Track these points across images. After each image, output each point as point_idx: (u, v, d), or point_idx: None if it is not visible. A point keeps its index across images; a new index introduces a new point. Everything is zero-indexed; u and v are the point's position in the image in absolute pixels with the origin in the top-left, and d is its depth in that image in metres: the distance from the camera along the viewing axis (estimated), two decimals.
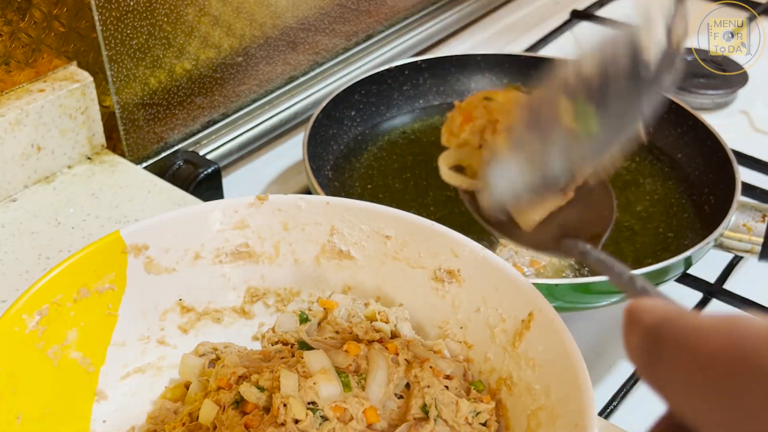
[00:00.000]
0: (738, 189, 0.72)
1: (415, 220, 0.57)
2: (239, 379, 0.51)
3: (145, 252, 0.55)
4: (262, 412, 0.49)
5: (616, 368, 0.70)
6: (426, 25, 1.07)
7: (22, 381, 0.48)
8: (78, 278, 0.53)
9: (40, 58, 0.71)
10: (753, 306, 0.72)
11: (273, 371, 0.50)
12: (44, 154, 0.72)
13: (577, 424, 0.44)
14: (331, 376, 0.50)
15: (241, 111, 0.88)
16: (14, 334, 0.49)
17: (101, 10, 0.71)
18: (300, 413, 0.48)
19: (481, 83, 0.94)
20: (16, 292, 0.55)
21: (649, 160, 0.85)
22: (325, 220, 0.58)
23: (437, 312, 0.57)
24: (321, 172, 0.81)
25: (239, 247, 0.59)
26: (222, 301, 0.59)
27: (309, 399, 0.49)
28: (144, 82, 0.77)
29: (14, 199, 0.71)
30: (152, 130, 0.80)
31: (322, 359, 0.51)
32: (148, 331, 0.57)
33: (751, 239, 0.70)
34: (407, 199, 0.79)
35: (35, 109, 0.70)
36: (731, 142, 0.80)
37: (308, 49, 0.93)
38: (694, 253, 0.66)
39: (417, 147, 0.87)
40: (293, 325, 0.57)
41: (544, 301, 0.50)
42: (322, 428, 0.48)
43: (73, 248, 0.66)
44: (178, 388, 0.55)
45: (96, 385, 0.54)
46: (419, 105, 0.93)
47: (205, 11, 0.80)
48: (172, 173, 0.81)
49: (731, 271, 0.77)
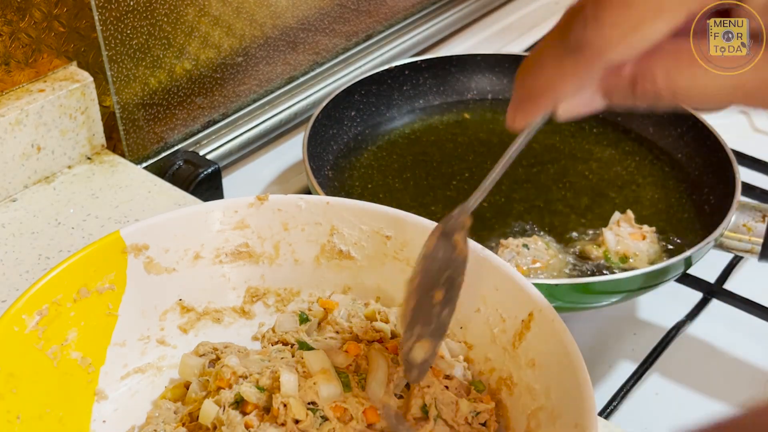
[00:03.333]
0: (738, 189, 0.72)
1: (415, 220, 0.57)
2: (239, 379, 0.51)
3: (145, 252, 0.55)
4: (262, 412, 0.49)
5: (616, 368, 0.70)
6: (426, 25, 1.07)
7: (22, 381, 0.48)
8: (78, 278, 0.53)
9: (40, 58, 0.71)
10: (753, 306, 0.72)
11: (273, 371, 0.50)
12: (44, 154, 0.72)
13: (577, 424, 0.44)
14: (331, 376, 0.50)
15: (241, 111, 0.88)
16: (14, 334, 0.49)
17: (101, 10, 0.71)
18: (300, 413, 0.48)
19: (481, 83, 0.94)
20: (16, 292, 0.56)
21: (649, 160, 0.85)
22: (325, 220, 0.58)
23: None
24: (321, 172, 0.81)
25: (239, 247, 0.59)
26: (222, 301, 0.59)
27: (309, 399, 0.49)
28: (144, 82, 0.77)
29: (14, 199, 0.71)
30: (152, 130, 0.80)
31: (322, 359, 0.51)
32: (148, 331, 0.57)
33: (751, 239, 0.70)
34: (407, 199, 0.79)
35: (35, 109, 0.70)
36: (731, 142, 0.80)
37: (308, 49, 0.93)
38: (694, 253, 0.66)
39: (417, 147, 0.87)
40: (293, 325, 0.57)
41: (544, 301, 0.50)
42: (322, 428, 0.48)
43: (73, 248, 0.66)
44: (178, 388, 0.55)
45: (96, 385, 0.54)
46: (419, 105, 0.93)
47: (205, 11, 0.80)
48: (172, 173, 0.81)
49: (731, 271, 0.77)
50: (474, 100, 0.94)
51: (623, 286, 0.66)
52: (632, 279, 0.65)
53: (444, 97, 0.93)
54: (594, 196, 0.80)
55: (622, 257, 0.71)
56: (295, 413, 0.48)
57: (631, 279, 0.65)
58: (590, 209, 0.78)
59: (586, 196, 0.80)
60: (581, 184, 0.81)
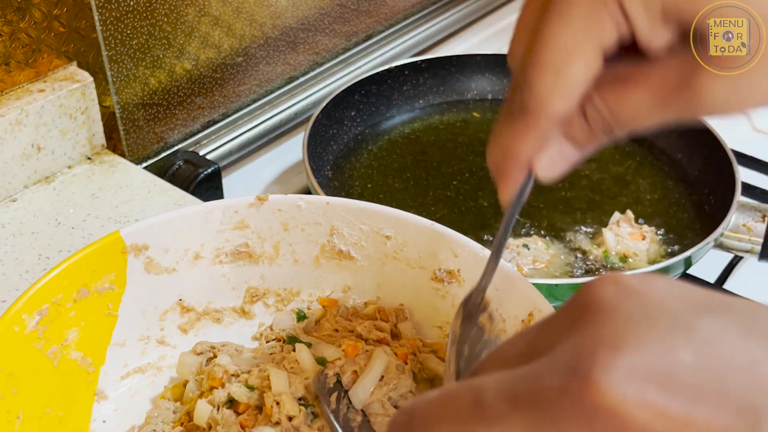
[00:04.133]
0: (738, 189, 0.72)
1: (415, 220, 0.57)
2: (231, 377, 0.51)
3: (145, 252, 0.55)
4: (255, 411, 0.49)
5: None
6: (426, 25, 1.07)
7: (22, 381, 0.48)
8: (78, 278, 0.53)
9: (40, 58, 0.71)
10: None
11: (261, 370, 0.50)
12: (44, 154, 0.72)
13: None
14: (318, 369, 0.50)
15: (241, 111, 0.88)
16: (14, 334, 0.49)
17: (101, 10, 0.71)
18: (293, 409, 0.48)
19: (481, 83, 0.94)
20: (16, 292, 0.56)
21: (649, 160, 0.85)
22: (325, 220, 0.58)
23: (437, 312, 0.57)
24: (321, 172, 0.81)
25: (239, 247, 0.59)
26: (222, 301, 0.59)
27: (299, 395, 0.49)
28: (144, 82, 0.77)
29: (14, 199, 0.71)
30: (152, 130, 0.80)
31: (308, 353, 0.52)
32: (148, 331, 0.57)
33: (751, 239, 0.70)
34: (407, 199, 0.79)
35: (35, 109, 0.70)
36: (731, 142, 0.80)
37: (308, 49, 0.93)
38: (694, 253, 0.66)
39: (417, 147, 0.87)
40: (290, 322, 0.57)
41: (544, 301, 0.50)
42: (313, 425, 0.48)
43: (73, 248, 0.66)
44: (178, 388, 0.55)
45: (96, 385, 0.54)
46: (419, 105, 0.93)
47: (205, 11, 0.80)
48: (172, 173, 0.81)
49: (731, 271, 0.77)
50: (474, 100, 0.94)
51: None
52: None
53: (444, 97, 0.93)
54: (594, 196, 0.80)
55: (621, 257, 0.71)
56: (288, 410, 0.48)
57: None
58: (590, 209, 0.78)
59: (586, 196, 0.80)
60: (581, 184, 0.81)
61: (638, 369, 0.24)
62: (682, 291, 0.27)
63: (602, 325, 0.25)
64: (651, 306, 0.26)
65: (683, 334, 0.25)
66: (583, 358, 0.24)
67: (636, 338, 0.24)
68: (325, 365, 0.51)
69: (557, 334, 0.27)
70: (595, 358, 0.24)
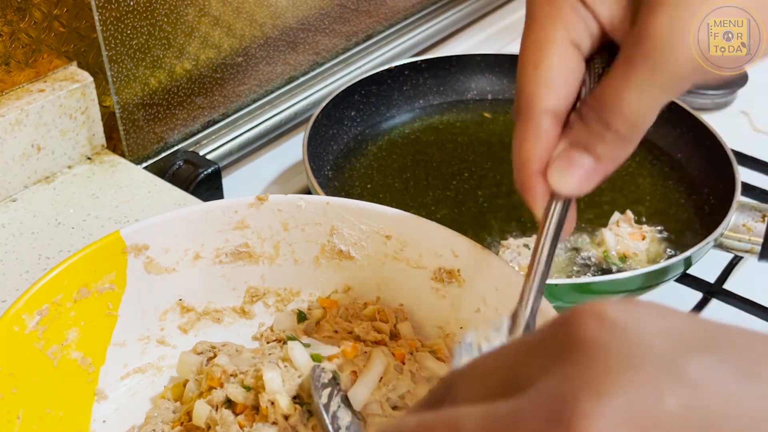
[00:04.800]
0: (738, 189, 0.72)
1: (415, 220, 0.57)
2: (229, 377, 0.51)
3: (145, 252, 0.55)
4: (252, 412, 0.49)
5: None
6: (426, 25, 1.07)
7: (22, 381, 0.48)
8: (78, 278, 0.53)
9: (40, 58, 0.71)
10: (753, 306, 0.72)
11: (256, 370, 0.50)
12: (44, 154, 0.72)
13: None
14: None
15: (241, 111, 0.88)
16: (14, 334, 0.49)
17: (101, 10, 0.71)
18: (289, 408, 0.48)
19: (481, 83, 0.94)
20: (16, 292, 0.55)
21: (649, 160, 0.85)
22: (325, 220, 0.58)
23: (437, 312, 0.57)
24: (321, 172, 0.81)
25: (239, 247, 0.59)
26: (222, 301, 0.59)
27: (294, 393, 0.49)
28: (144, 82, 0.77)
29: (14, 199, 0.71)
30: (152, 130, 0.80)
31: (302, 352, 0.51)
32: (148, 331, 0.57)
33: (751, 239, 0.70)
34: (407, 199, 0.79)
35: (35, 109, 0.70)
36: (731, 142, 0.80)
37: (308, 49, 0.93)
38: (694, 253, 0.66)
39: (417, 147, 0.87)
40: (291, 323, 0.57)
41: (544, 301, 0.50)
42: (309, 423, 0.48)
43: (73, 248, 0.65)
44: (178, 388, 0.55)
45: (96, 385, 0.54)
46: (419, 105, 0.92)
47: (205, 11, 0.80)
48: (172, 173, 0.81)
49: (731, 271, 0.77)
50: (474, 100, 0.94)
51: (623, 286, 0.66)
52: (632, 279, 0.65)
53: (444, 97, 0.93)
54: (594, 196, 0.80)
55: (621, 257, 0.71)
56: (284, 409, 0.48)
57: (631, 279, 0.65)
58: (590, 209, 0.78)
59: (586, 196, 0.80)
60: None
61: (621, 417, 0.23)
62: (670, 325, 0.26)
63: (584, 367, 0.24)
64: (636, 346, 0.25)
65: (670, 378, 0.24)
66: (566, 403, 0.23)
67: (620, 383, 0.23)
68: (320, 362, 0.51)
69: (539, 366, 0.26)
70: (577, 403, 0.23)
